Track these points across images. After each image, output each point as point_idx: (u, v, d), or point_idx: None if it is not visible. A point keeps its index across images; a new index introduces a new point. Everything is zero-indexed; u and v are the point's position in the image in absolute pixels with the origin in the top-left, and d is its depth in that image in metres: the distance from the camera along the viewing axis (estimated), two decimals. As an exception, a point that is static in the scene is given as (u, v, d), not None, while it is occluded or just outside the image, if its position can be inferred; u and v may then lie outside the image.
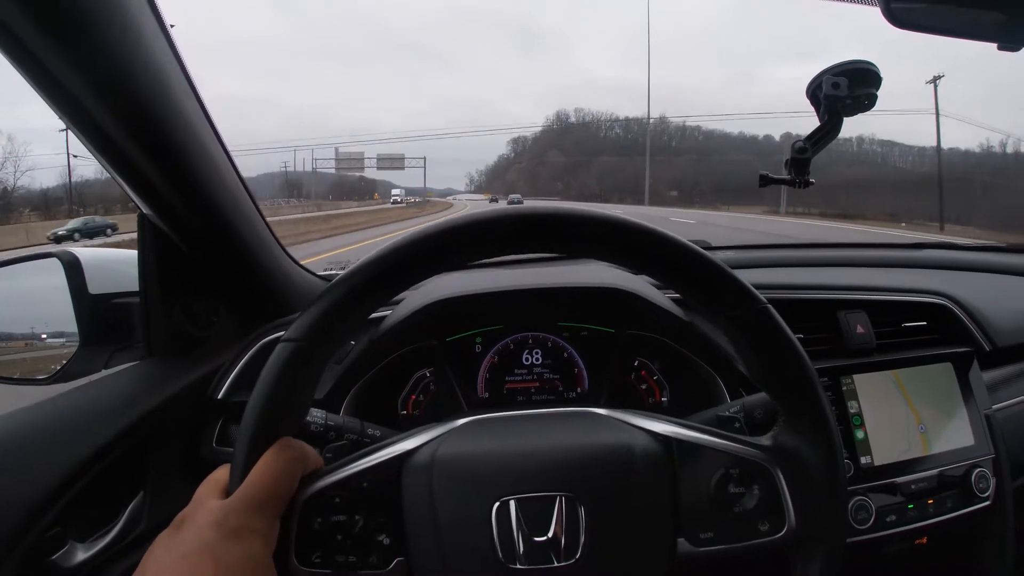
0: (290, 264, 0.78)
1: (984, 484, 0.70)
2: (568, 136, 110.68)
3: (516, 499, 0.42)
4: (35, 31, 0.42)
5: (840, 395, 0.71)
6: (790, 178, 0.68)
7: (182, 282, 0.67)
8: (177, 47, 0.55)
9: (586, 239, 0.43)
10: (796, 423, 0.45)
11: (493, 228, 0.42)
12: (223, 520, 0.38)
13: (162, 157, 0.56)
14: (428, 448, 0.45)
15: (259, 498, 0.39)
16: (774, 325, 0.43)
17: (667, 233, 0.43)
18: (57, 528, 0.55)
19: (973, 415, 0.74)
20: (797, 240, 1.29)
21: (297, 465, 0.42)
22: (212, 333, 0.70)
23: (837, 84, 0.65)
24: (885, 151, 63.53)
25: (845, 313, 0.75)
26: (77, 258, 0.67)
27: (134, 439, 0.60)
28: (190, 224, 0.63)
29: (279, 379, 0.42)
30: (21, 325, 0.71)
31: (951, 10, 0.61)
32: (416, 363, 0.75)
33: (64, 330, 0.68)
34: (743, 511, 0.44)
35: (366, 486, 0.44)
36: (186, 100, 0.56)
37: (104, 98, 0.49)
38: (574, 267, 0.87)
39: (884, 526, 0.67)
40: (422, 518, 0.43)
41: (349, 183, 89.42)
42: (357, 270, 0.42)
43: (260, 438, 0.41)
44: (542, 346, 0.77)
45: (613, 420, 0.48)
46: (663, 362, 0.76)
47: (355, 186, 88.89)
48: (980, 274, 1.00)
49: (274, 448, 0.41)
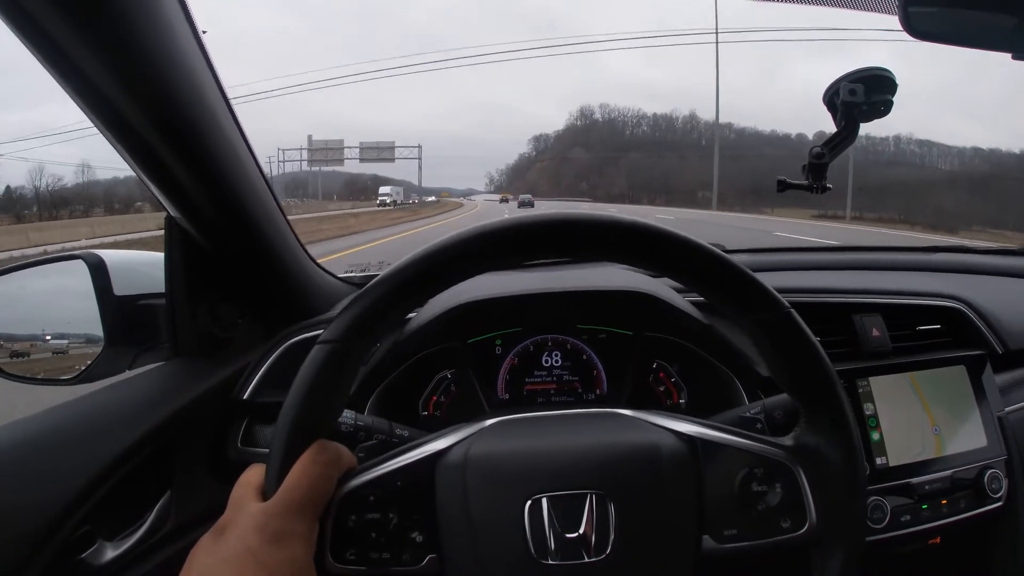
0: (312, 266, 0.79)
1: (997, 485, 0.71)
2: (593, 133, 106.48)
3: (548, 497, 0.44)
4: (72, 35, 0.43)
5: (856, 397, 0.72)
6: (808, 183, 0.69)
7: (208, 284, 0.68)
8: (208, 51, 0.56)
9: (617, 245, 0.44)
10: (817, 423, 0.46)
11: (527, 233, 0.43)
12: (265, 524, 0.38)
13: (192, 160, 0.56)
14: (461, 447, 0.46)
15: (299, 501, 0.40)
16: (798, 329, 0.45)
17: (692, 238, 0.45)
18: (86, 527, 0.56)
19: (986, 417, 0.75)
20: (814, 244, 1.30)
21: (334, 467, 0.43)
22: (236, 334, 0.71)
23: (854, 91, 0.66)
24: (923, 151, 61.55)
25: (861, 316, 0.76)
26: (102, 260, 0.68)
27: (161, 439, 0.61)
28: (217, 227, 0.63)
29: (316, 380, 0.42)
30: (45, 326, 0.71)
31: (967, 17, 0.63)
32: (438, 364, 0.75)
33: (89, 331, 0.68)
34: (766, 509, 0.45)
35: (399, 484, 0.45)
36: (216, 104, 0.57)
37: (137, 102, 0.49)
38: (593, 270, 0.88)
39: (899, 526, 0.68)
40: (455, 515, 0.44)
41: (361, 182, 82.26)
42: (396, 272, 0.43)
43: (297, 440, 0.42)
44: (561, 348, 0.78)
45: (639, 420, 0.49)
46: (682, 364, 0.77)
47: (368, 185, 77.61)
48: (994, 277, 1.01)
49: (311, 450, 0.42)
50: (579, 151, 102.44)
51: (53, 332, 0.71)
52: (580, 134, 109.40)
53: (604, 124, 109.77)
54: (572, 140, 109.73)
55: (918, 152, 62.04)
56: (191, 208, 0.61)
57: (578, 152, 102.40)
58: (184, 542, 0.61)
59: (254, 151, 0.64)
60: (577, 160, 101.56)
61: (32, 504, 0.53)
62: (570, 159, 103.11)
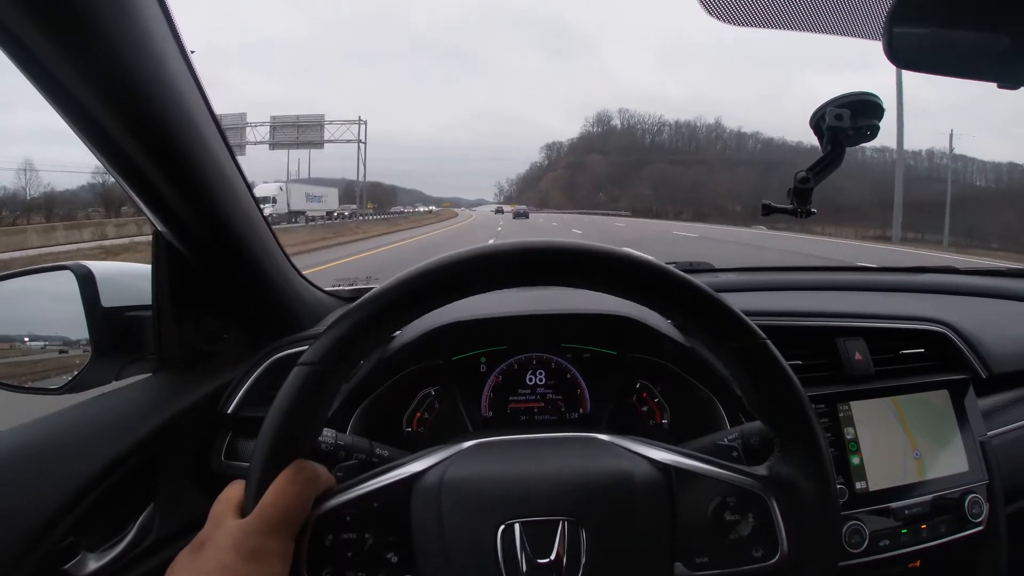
0: (298, 280, 0.79)
1: (977, 509, 0.71)
2: (611, 140, 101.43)
3: (521, 522, 0.44)
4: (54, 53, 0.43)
5: (837, 421, 0.72)
6: (792, 207, 0.69)
7: (194, 297, 0.68)
8: (196, 70, 0.57)
9: (596, 274, 0.45)
10: (792, 454, 0.47)
11: (507, 261, 0.44)
12: (242, 542, 0.39)
13: (179, 179, 0.57)
14: (437, 470, 0.47)
15: (276, 520, 0.41)
16: (772, 360, 0.45)
17: (667, 267, 0.45)
18: (71, 538, 0.57)
19: (968, 441, 0.75)
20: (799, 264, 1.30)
21: (311, 487, 0.43)
22: (222, 347, 0.72)
23: (840, 116, 0.66)
24: (960, 166, 56.73)
25: (844, 340, 0.77)
26: (90, 270, 0.68)
27: (146, 451, 0.61)
28: (203, 242, 0.64)
29: (295, 402, 0.43)
30: (33, 336, 0.72)
31: (952, 47, 0.63)
32: (422, 381, 0.76)
33: (76, 342, 0.69)
34: (738, 538, 0.46)
35: (376, 505, 0.45)
36: (204, 122, 0.57)
37: (123, 121, 0.50)
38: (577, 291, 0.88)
39: (878, 550, 0.68)
40: (430, 537, 0.44)
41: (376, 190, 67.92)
42: (377, 296, 0.44)
43: (275, 459, 0.43)
44: (545, 367, 0.78)
45: (615, 446, 0.49)
46: (665, 385, 0.77)
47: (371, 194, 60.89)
48: (979, 299, 1.01)
49: (289, 470, 0.42)
50: (596, 158, 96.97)
51: (41, 342, 0.71)
52: (597, 141, 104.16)
53: (623, 132, 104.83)
54: (588, 148, 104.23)
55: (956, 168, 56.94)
56: (178, 224, 0.62)
57: (595, 159, 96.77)
58: (166, 554, 0.61)
59: (241, 168, 0.65)
60: (593, 168, 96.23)
61: (16, 514, 0.53)
62: (586, 168, 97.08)
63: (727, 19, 0.71)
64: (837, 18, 0.68)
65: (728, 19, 0.70)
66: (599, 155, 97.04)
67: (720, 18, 0.69)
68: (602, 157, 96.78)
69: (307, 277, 0.82)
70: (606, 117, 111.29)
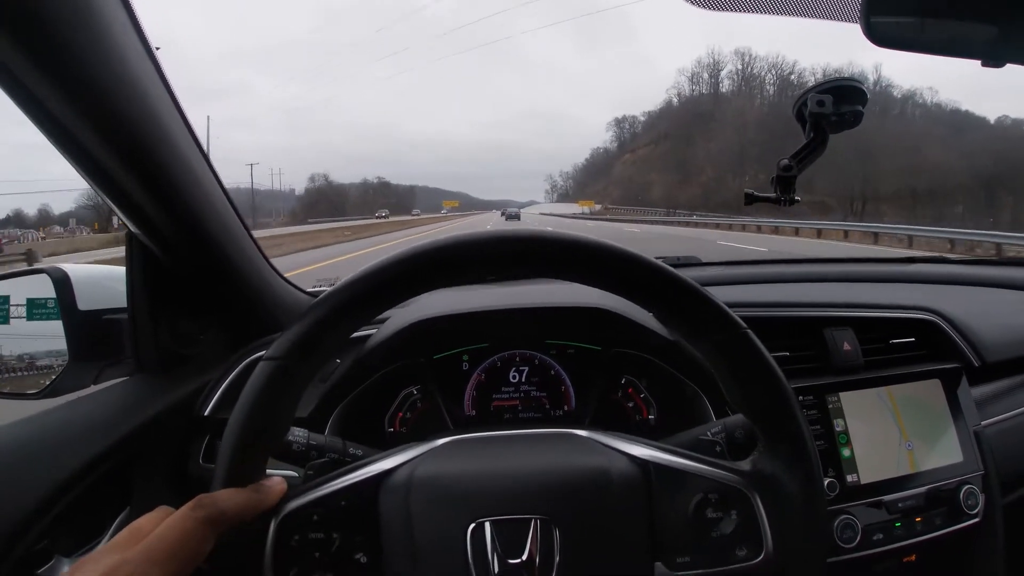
0: (278, 281, 0.79)
1: (973, 501, 0.70)
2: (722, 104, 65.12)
3: (491, 521, 0.43)
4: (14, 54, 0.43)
5: (826, 413, 0.71)
6: (776, 196, 0.68)
7: (169, 300, 0.67)
8: (162, 68, 0.56)
9: (569, 263, 0.43)
10: (775, 450, 0.45)
11: (477, 250, 0.43)
12: (116, 567, 0.36)
13: (147, 177, 0.56)
14: (406, 468, 0.46)
15: (156, 554, 0.37)
16: (754, 351, 0.44)
17: (646, 257, 0.44)
18: (44, 542, 0.56)
19: (962, 432, 0.73)
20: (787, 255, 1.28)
21: (208, 527, 0.39)
22: (199, 350, 0.71)
23: (822, 102, 0.65)
24: None
25: (831, 330, 0.75)
26: (67, 274, 0.67)
27: (121, 454, 0.61)
28: (176, 243, 0.63)
29: (259, 398, 0.42)
30: (9, 340, 0.71)
31: (933, 25, 0.61)
32: (403, 380, 0.75)
33: (54, 346, 0.68)
34: (721, 536, 0.44)
35: (344, 504, 0.44)
36: (171, 121, 0.57)
37: (86, 118, 0.49)
38: (561, 286, 0.87)
39: (871, 544, 0.67)
40: (399, 538, 0.43)
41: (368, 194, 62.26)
42: (339, 289, 0.43)
43: (242, 457, 0.42)
44: (529, 364, 0.77)
45: (592, 442, 0.48)
46: (650, 380, 0.76)
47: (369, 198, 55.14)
48: (971, 288, 0.99)
49: (188, 504, 0.40)
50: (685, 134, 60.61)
51: (18, 346, 0.71)
52: (691, 108, 66.52)
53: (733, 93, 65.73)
54: (678, 119, 68.85)
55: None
56: (150, 225, 0.61)
57: (698, 131, 60.76)
58: None
59: (214, 168, 0.64)
60: (684, 147, 61.17)
61: None
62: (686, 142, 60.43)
63: (706, 5, 0.70)
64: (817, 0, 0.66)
65: (707, 5, 0.69)
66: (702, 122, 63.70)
67: (698, 4, 0.68)
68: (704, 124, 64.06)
69: (287, 277, 0.81)
70: (711, 63, 72.90)
